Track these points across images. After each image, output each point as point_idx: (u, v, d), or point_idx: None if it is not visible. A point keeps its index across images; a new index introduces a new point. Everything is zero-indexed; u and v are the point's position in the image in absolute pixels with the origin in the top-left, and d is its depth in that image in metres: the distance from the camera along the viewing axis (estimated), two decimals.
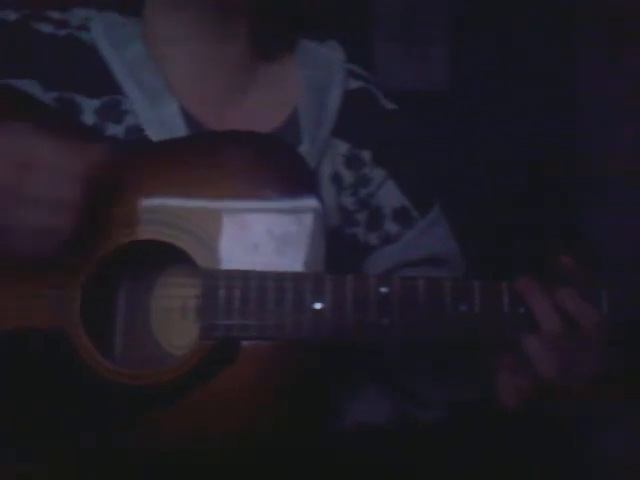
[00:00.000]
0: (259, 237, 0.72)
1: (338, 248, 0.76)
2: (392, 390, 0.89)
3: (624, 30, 1.93)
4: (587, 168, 2.04)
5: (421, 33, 2.10)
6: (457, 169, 1.81)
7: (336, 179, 0.86)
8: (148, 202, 0.73)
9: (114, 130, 0.81)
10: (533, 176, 1.98)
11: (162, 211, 0.73)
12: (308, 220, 0.73)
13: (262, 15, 0.85)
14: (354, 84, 0.90)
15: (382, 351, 0.86)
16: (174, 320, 0.78)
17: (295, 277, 0.71)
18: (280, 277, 0.71)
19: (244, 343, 0.71)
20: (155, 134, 0.80)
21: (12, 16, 0.83)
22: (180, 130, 0.81)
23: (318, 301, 0.70)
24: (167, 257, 0.75)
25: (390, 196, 0.89)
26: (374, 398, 0.88)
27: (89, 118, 0.81)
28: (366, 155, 0.88)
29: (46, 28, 0.83)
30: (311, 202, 0.74)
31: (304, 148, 0.82)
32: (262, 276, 0.71)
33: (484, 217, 1.80)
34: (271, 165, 0.75)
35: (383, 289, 0.71)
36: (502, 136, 1.96)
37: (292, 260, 0.72)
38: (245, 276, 0.71)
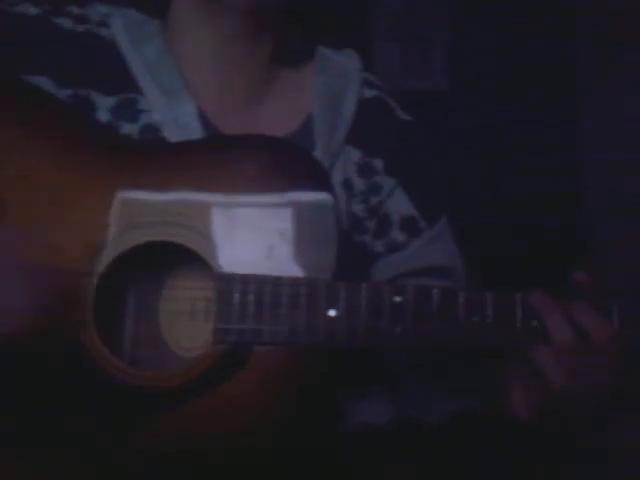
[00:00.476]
0: (272, 235, 0.72)
1: (346, 254, 0.76)
2: (394, 392, 0.89)
3: (624, 30, 1.94)
4: (587, 168, 2.05)
5: (421, 33, 2.10)
6: (457, 169, 1.81)
7: (347, 185, 0.86)
8: (158, 201, 0.73)
9: (129, 129, 0.81)
10: (532, 179, 1.98)
11: (172, 211, 0.73)
12: (322, 214, 0.73)
13: (289, 25, 0.86)
14: (369, 93, 0.91)
15: (392, 358, 0.86)
16: (183, 322, 0.78)
17: (310, 283, 0.71)
18: (295, 283, 0.71)
19: (255, 348, 0.71)
20: (170, 133, 0.81)
21: (32, 10, 0.82)
22: (195, 130, 0.81)
23: (332, 308, 0.71)
24: (175, 258, 0.75)
25: (399, 204, 0.89)
26: (377, 399, 0.89)
27: (103, 116, 0.81)
28: (378, 164, 0.88)
29: (66, 23, 0.83)
30: (325, 197, 0.74)
31: (317, 154, 0.83)
32: (277, 281, 0.71)
33: (483, 219, 1.80)
34: (284, 164, 0.75)
35: (397, 298, 0.71)
36: (502, 136, 1.97)
37: (303, 255, 0.72)
38: (260, 280, 0.71)
